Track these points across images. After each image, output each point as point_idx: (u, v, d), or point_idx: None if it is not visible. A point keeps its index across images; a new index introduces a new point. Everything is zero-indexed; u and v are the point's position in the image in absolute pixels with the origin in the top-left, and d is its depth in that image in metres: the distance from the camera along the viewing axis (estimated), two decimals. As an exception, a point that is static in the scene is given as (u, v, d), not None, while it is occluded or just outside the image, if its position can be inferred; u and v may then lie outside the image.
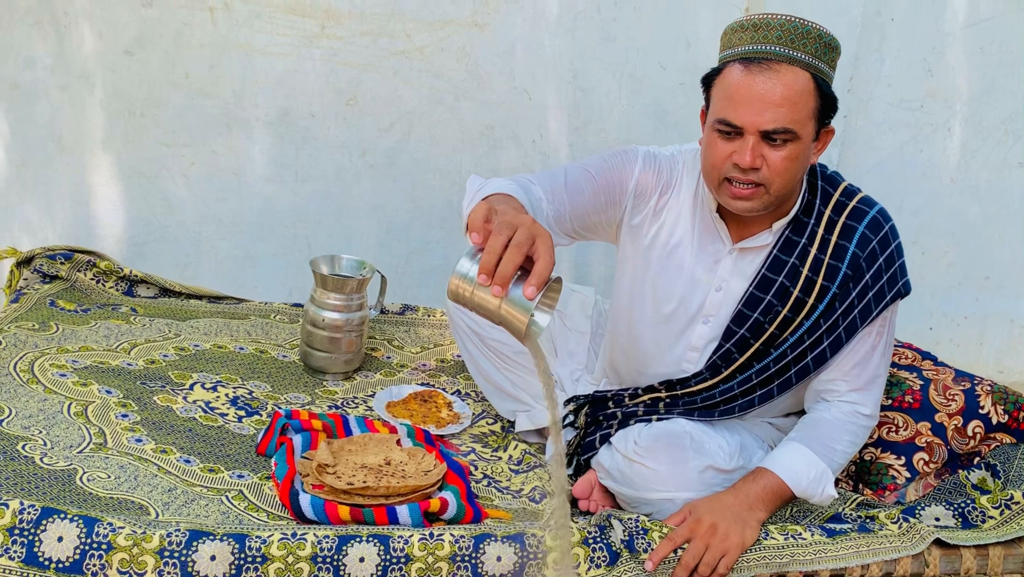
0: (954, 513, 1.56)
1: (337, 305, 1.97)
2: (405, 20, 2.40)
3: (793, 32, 1.40)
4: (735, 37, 1.45)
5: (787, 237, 1.54)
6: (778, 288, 1.54)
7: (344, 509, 1.44)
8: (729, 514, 1.44)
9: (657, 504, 1.53)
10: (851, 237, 1.52)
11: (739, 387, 1.60)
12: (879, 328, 1.55)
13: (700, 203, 1.58)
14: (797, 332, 1.55)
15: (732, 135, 1.42)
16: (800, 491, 1.50)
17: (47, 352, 1.85)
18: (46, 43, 2.31)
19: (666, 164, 1.60)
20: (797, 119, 1.41)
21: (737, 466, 1.56)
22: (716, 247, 1.58)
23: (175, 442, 1.63)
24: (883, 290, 1.52)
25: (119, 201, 2.44)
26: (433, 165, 2.52)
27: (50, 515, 1.28)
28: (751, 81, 1.40)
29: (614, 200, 1.59)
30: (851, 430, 1.56)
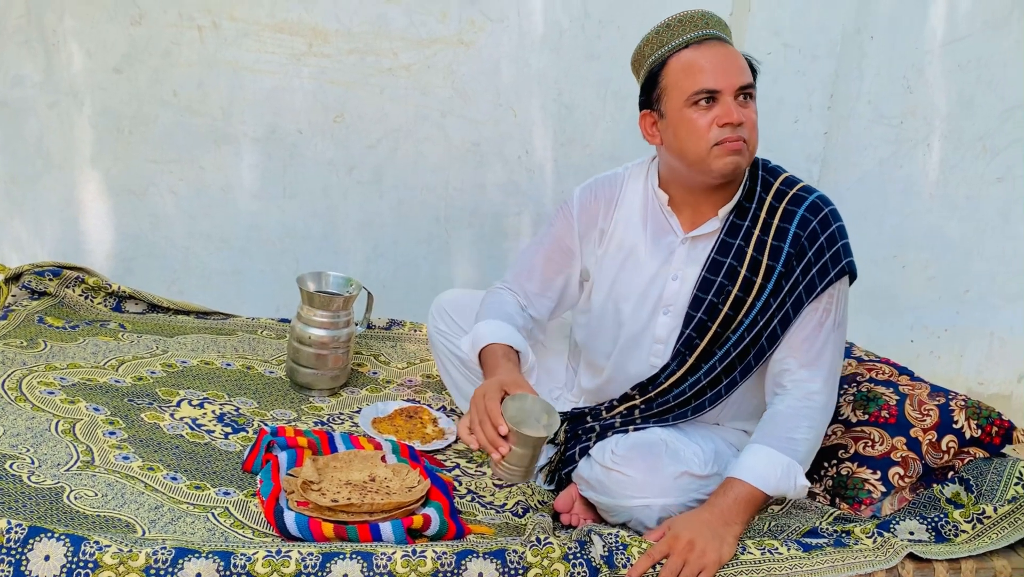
0: (928, 527, 1.59)
1: (323, 322, 2.00)
2: (392, 38, 2.44)
3: (711, 19, 1.61)
4: (663, 37, 1.60)
5: (732, 222, 1.64)
6: (727, 269, 1.62)
7: (328, 526, 1.46)
8: (706, 531, 1.47)
9: (635, 511, 1.56)
10: (792, 220, 1.60)
11: (705, 377, 1.65)
12: (825, 304, 1.61)
13: (650, 202, 1.69)
14: (750, 314, 1.61)
15: (710, 101, 1.55)
16: (772, 491, 1.53)
17: (35, 369, 1.87)
18: (35, 61, 2.34)
19: (604, 185, 1.74)
20: (751, 78, 1.59)
21: (712, 472, 1.59)
22: (669, 239, 1.67)
23: (162, 459, 1.65)
24: (826, 267, 1.59)
25: (108, 217, 2.47)
26: (420, 181, 2.56)
27: (37, 534, 1.30)
28: (710, 53, 1.56)
29: (569, 254, 1.76)
30: (807, 415, 1.59)
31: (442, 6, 2.43)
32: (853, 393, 1.87)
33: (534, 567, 1.41)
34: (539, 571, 1.41)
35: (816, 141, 2.55)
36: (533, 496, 1.75)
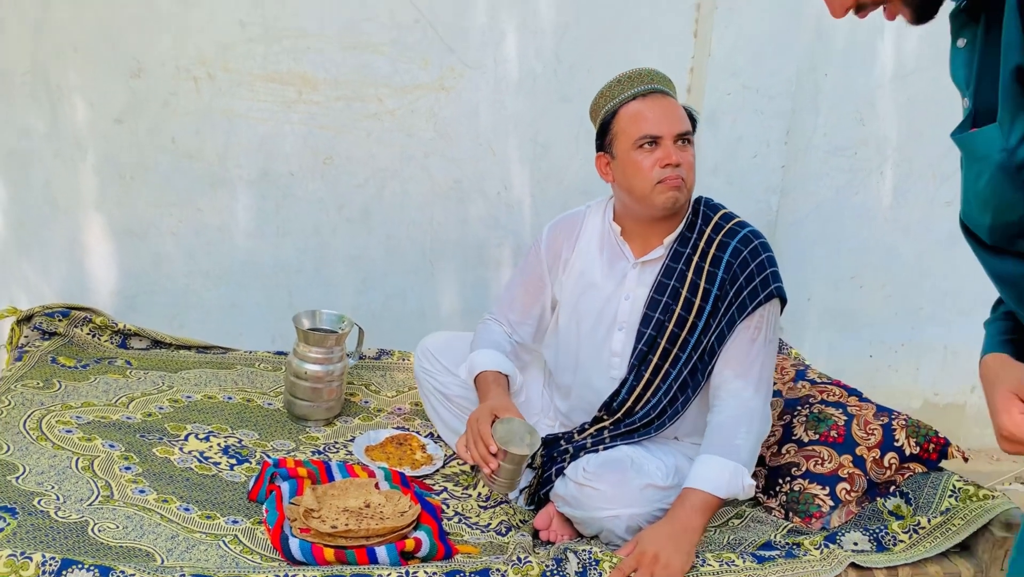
0: (870, 538, 1.77)
1: (318, 358, 2.15)
2: (377, 85, 2.59)
3: (656, 76, 1.86)
4: (615, 90, 1.85)
5: (676, 249, 1.85)
6: (671, 290, 1.83)
7: (329, 551, 1.62)
8: (669, 543, 1.64)
9: (605, 521, 1.73)
10: (726, 249, 1.81)
11: (665, 397, 1.84)
12: (756, 323, 1.80)
13: (607, 233, 1.91)
14: (694, 333, 1.82)
15: (653, 146, 1.78)
16: (724, 494, 1.70)
17: (52, 409, 2.01)
18: (41, 113, 2.47)
19: (567, 221, 1.99)
20: (689, 127, 1.83)
21: (673, 484, 1.77)
22: (622, 264, 1.89)
23: (175, 491, 1.80)
24: (756, 290, 1.78)
25: (111, 258, 2.59)
26: (406, 217, 2.71)
27: (69, 566, 1.45)
28: (653, 105, 1.81)
29: (541, 284, 2.00)
30: (744, 421, 1.77)
31: (423, 54, 2.58)
32: (806, 414, 2.04)
33: (515, 583, 1.57)
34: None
35: (775, 173, 2.73)
36: (515, 516, 1.92)
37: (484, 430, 1.73)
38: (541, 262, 1.99)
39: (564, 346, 1.96)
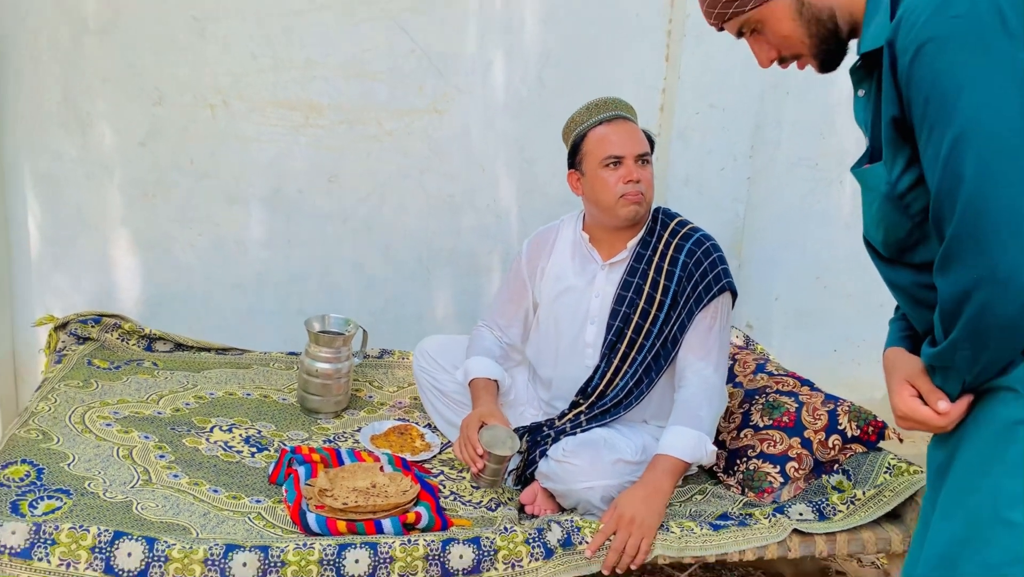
0: (813, 509, 2.02)
1: (327, 357, 2.40)
2: (376, 110, 2.84)
3: (619, 104, 2.12)
4: (583, 117, 2.12)
5: (638, 252, 2.13)
6: (635, 287, 2.11)
7: (342, 524, 1.87)
8: (643, 505, 1.89)
9: (582, 492, 1.97)
10: (682, 250, 2.09)
11: (632, 380, 2.10)
12: (712, 313, 2.07)
13: (578, 241, 2.20)
14: (656, 324, 2.08)
15: (616, 165, 2.04)
16: (690, 458, 1.96)
17: (92, 406, 2.26)
18: (72, 139, 2.71)
19: (544, 234, 2.28)
20: (648, 148, 2.10)
21: (640, 459, 2.03)
22: (592, 267, 2.17)
23: (204, 476, 2.05)
24: (710, 284, 2.06)
25: (136, 269, 2.84)
26: (404, 229, 2.96)
27: (120, 536, 1.70)
28: (616, 129, 2.07)
29: (524, 291, 2.29)
30: (706, 396, 2.03)
31: (418, 81, 2.83)
32: (763, 403, 2.29)
33: (502, 549, 1.82)
34: (506, 552, 1.82)
35: (741, 185, 2.98)
36: (503, 494, 2.17)
37: (472, 435, 2.03)
38: (522, 271, 2.27)
39: (544, 341, 2.23)
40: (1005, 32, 1.10)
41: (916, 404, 1.28)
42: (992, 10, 1.10)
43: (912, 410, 1.29)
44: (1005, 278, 1.10)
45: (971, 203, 1.11)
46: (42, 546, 1.66)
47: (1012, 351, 1.18)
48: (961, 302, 1.15)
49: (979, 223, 1.11)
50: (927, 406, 1.27)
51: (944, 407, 1.25)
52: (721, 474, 2.22)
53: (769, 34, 1.36)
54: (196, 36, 2.69)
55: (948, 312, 1.18)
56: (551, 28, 2.87)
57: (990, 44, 1.10)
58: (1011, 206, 1.09)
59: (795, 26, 1.32)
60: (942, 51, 1.11)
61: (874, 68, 1.29)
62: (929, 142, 1.15)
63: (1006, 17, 1.10)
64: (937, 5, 1.12)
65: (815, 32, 1.32)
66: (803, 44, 1.35)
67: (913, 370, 1.32)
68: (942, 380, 1.26)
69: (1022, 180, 1.09)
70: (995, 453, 1.21)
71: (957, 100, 1.10)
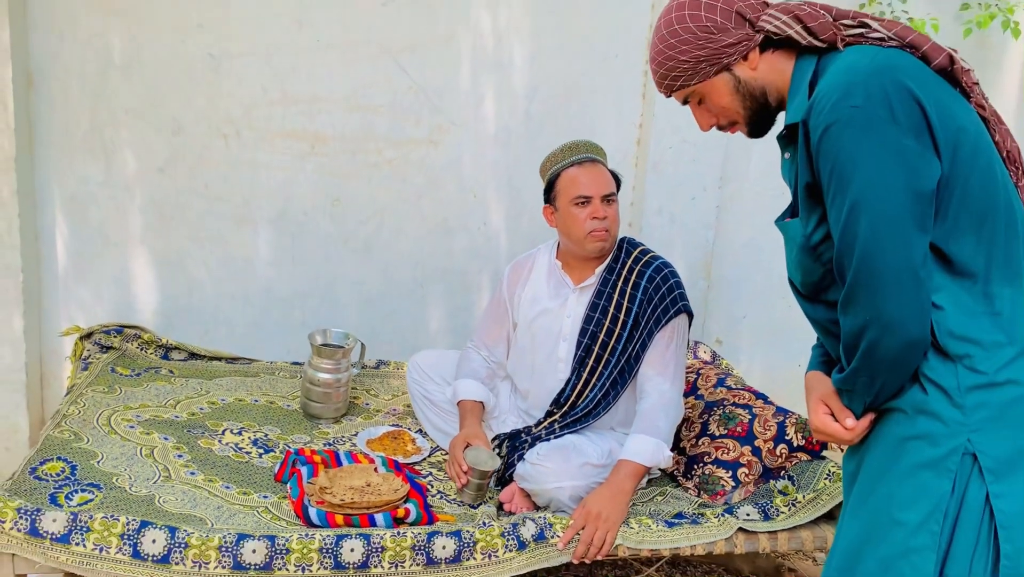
0: (759, 510, 2.26)
1: (329, 368, 2.65)
2: (377, 140, 3.09)
3: (590, 147, 2.37)
4: (558, 157, 2.37)
5: (604, 277, 2.39)
6: (601, 308, 2.37)
7: (339, 517, 2.11)
8: (608, 503, 2.14)
9: (553, 492, 2.22)
10: (643, 276, 2.35)
11: (600, 392, 2.35)
12: (670, 333, 2.34)
13: (552, 267, 2.46)
14: (620, 341, 2.33)
15: (585, 203, 2.29)
16: (649, 463, 2.21)
17: (117, 409, 2.51)
18: (97, 164, 2.96)
19: (522, 261, 2.55)
20: (614, 188, 2.35)
21: (606, 463, 2.28)
22: (564, 291, 2.43)
23: (218, 474, 2.30)
24: (668, 307, 2.32)
25: (154, 283, 3.08)
26: (401, 249, 3.20)
27: (146, 525, 1.95)
28: (586, 171, 2.32)
29: (505, 313, 2.56)
30: (663, 408, 2.29)
31: (416, 115, 3.08)
32: (720, 414, 2.54)
33: (480, 541, 2.07)
34: (484, 544, 2.07)
35: (710, 212, 3.23)
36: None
37: (458, 455, 2.32)
38: (503, 295, 2.54)
39: (522, 357, 2.48)
40: (893, 121, 1.32)
41: (828, 420, 1.51)
42: (883, 103, 1.33)
43: (824, 425, 1.52)
44: (888, 322, 1.33)
45: (863, 259, 1.33)
46: (79, 532, 1.91)
47: (901, 379, 1.40)
48: (857, 337, 1.38)
49: (870, 275, 1.33)
50: (837, 423, 1.50)
51: (851, 424, 1.47)
52: (680, 478, 2.47)
53: (710, 104, 1.56)
54: (212, 72, 2.94)
55: (848, 345, 1.41)
56: (538, 67, 3.12)
57: (880, 130, 1.32)
58: (894, 263, 1.32)
59: (732, 100, 1.52)
60: (842, 133, 1.33)
61: (796, 137, 1.50)
62: (832, 206, 1.38)
63: (894, 108, 1.33)
64: (841, 94, 1.34)
65: (749, 105, 1.53)
66: (738, 114, 1.55)
67: (827, 391, 1.53)
68: (848, 401, 1.48)
69: (903, 243, 1.32)
70: (889, 464, 1.44)
71: (853, 174, 1.32)
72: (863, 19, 1.46)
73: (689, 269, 3.25)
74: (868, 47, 1.42)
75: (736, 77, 1.50)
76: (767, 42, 1.49)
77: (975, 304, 1.37)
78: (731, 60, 1.48)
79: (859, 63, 1.37)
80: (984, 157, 1.37)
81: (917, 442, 1.39)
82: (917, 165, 1.31)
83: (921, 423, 1.38)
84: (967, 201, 1.35)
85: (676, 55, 1.50)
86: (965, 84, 1.43)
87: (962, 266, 1.36)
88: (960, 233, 1.36)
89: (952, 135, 1.34)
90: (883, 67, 1.35)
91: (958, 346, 1.36)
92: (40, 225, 2.95)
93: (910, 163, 1.31)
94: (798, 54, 1.49)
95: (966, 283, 1.37)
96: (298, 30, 2.95)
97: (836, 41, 1.45)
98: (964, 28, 3.23)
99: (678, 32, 1.48)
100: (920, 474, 1.38)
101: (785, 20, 1.47)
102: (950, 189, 1.34)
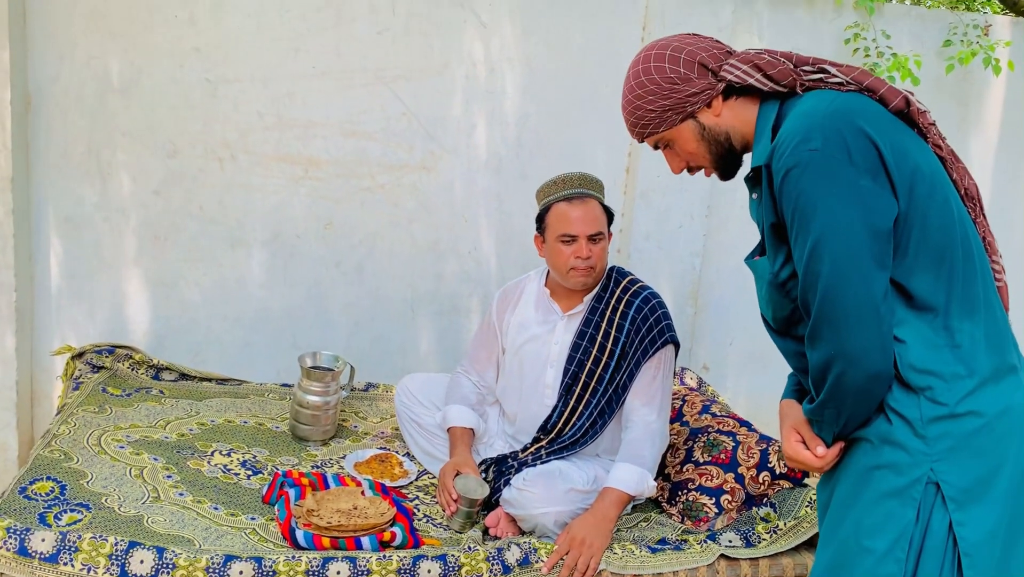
0: (741, 537, 2.29)
1: (318, 391, 2.68)
2: (370, 165, 3.14)
3: (584, 180, 2.35)
4: (551, 190, 2.37)
5: (592, 305, 2.42)
6: (589, 336, 2.40)
7: (326, 540, 2.13)
8: (592, 529, 2.17)
9: (538, 517, 2.25)
10: (632, 306, 2.38)
11: (587, 421, 2.38)
12: (656, 363, 2.37)
13: (541, 294, 2.49)
14: (608, 370, 2.36)
15: (570, 241, 2.30)
16: (634, 491, 2.24)
17: (107, 429, 2.53)
18: (93, 186, 3.00)
19: (512, 288, 2.57)
20: (603, 225, 2.34)
21: (591, 489, 2.31)
22: (553, 318, 2.46)
23: (206, 495, 2.32)
24: (655, 338, 2.36)
25: (146, 304, 3.12)
26: (392, 273, 3.24)
27: (134, 546, 1.96)
28: (576, 208, 2.31)
29: (494, 338, 2.57)
30: (648, 438, 2.33)
31: (409, 141, 3.13)
32: (704, 441, 2.57)
33: (465, 566, 2.09)
34: (469, 568, 2.09)
35: (697, 240, 3.28)
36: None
37: (448, 483, 2.33)
38: (492, 321, 2.57)
39: (509, 382, 2.52)
40: (850, 163, 1.37)
41: (800, 448, 1.56)
42: (840, 146, 1.37)
43: (796, 453, 1.56)
44: (852, 355, 1.38)
45: (826, 295, 1.38)
46: (67, 552, 1.93)
47: (867, 410, 1.45)
48: (824, 370, 1.43)
49: (833, 311, 1.38)
50: (808, 450, 1.55)
51: (821, 452, 1.52)
52: (665, 504, 2.50)
53: (678, 149, 1.61)
54: (209, 96, 2.99)
55: (815, 378, 1.46)
56: (530, 96, 3.18)
57: (837, 172, 1.36)
58: (855, 299, 1.37)
59: (698, 145, 1.58)
60: (802, 176, 1.38)
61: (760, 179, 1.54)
62: (796, 245, 1.43)
63: (851, 150, 1.37)
64: (801, 138, 1.39)
65: (714, 150, 1.58)
66: (705, 159, 1.61)
67: (799, 419, 1.58)
68: (818, 430, 1.53)
69: (862, 279, 1.37)
70: (856, 493, 1.49)
71: (814, 215, 1.37)
72: (822, 65, 1.51)
73: (677, 295, 3.29)
74: (826, 91, 1.48)
75: (701, 124, 1.56)
76: (730, 89, 1.55)
77: (936, 337, 1.41)
78: (695, 108, 1.54)
79: (817, 107, 1.42)
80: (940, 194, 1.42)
81: (883, 471, 1.44)
82: (874, 204, 1.36)
83: (886, 453, 1.43)
84: (925, 238, 1.40)
85: (644, 104, 1.56)
86: (922, 125, 1.49)
87: (923, 300, 1.41)
88: (920, 269, 1.41)
89: (908, 174, 1.39)
90: (839, 111, 1.40)
91: (920, 378, 1.40)
92: (35, 245, 2.98)
93: (867, 202, 1.36)
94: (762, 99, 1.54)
95: (927, 317, 1.41)
96: (294, 57, 3.00)
97: (796, 86, 1.50)
98: (947, 64, 3.31)
99: (644, 84, 1.55)
100: (886, 503, 1.43)
101: (745, 70, 1.52)
102: (908, 226, 1.39)
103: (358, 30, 3.02)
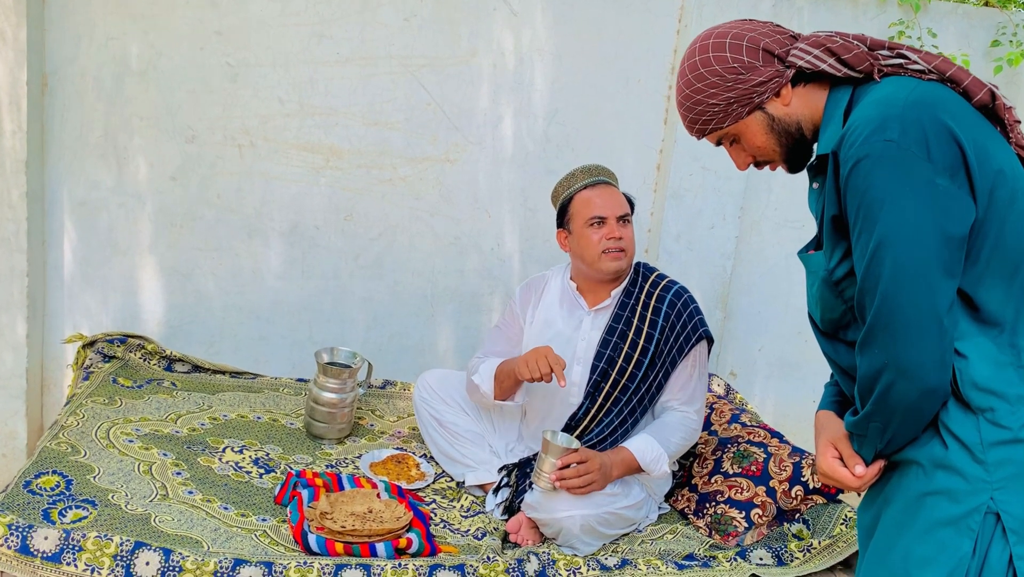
0: (773, 554, 2.19)
1: (334, 387, 2.59)
2: (392, 156, 3.05)
3: (601, 170, 2.35)
4: (570, 182, 2.35)
5: (621, 300, 2.34)
6: (620, 332, 2.31)
7: (339, 545, 2.05)
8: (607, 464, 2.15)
9: (563, 521, 2.15)
10: (663, 302, 2.30)
11: (617, 419, 2.30)
12: (692, 361, 2.30)
13: (566, 290, 2.41)
14: (641, 368, 2.27)
15: (600, 224, 2.26)
16: (643, 464, 2.18)
17: (117, 422, 2.46)
18: (109, 171, 2.92)
19: (535, 282, 2.49)
20: (628, 210, 2.32)
21: (617, 491, 2.21)
22: (579, 313, 2.38)
23: (216, 494, 2.24)
24: (689, 335, 2.27)
25: (161, 293, 3.04)
26: (412, 267, 3.15)
27: (140, 546, 1.89)
28: (600, 192, 2.30)
29: (517, 331, 2.49)
30: (683, 429, 2.26)
31: (432, 131, 3.04)
32: (734, 451, 2.47)
33: (484, 576, 2.00)
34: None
35: (729, 242, 3.17)
36: (489, 524, 2.34)
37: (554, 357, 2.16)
38: (515, 314, 2.48)
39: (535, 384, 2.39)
40: (927, 158, 1.26)
41: (836, 465, 1.45)
42: (919, 138, 1.27)
43: (832, 470, 1.46)
44: (906, 367, 1.27)
45: (886, 299, 1.28)
46: (70, 552, 1.85)
47: (916, 428, 1.34)
48: (873, 380, 1.32)
49: (892, 317, 1.28)
50: (845, 468, 1.44)
51: (860, 471, 1.41)
52: (692, 516, 2.40)
53: (745, 144, 1.50)
54: (229, 81, 2.91)
55: (863, 388, 1.35)
56: (558, 89, 3.08)
57: (912, 168, 1.26)
58: (916, 308, 1.26)
59: (768, 138, 1.46)
60: (873, 168, 1.27)
61: (825, 167, 1.44)
62: (858, 242, 1.32)
63: (930, 145, 1.27)
64: (875, 127, 1.28)
65: (785, 143, 1.47)
66: (775, 152, 1.49)
67: (837, 434, 1.47)
68: (859, 446, 1.42)
69: (927, 288, 1.26)
70: (906, 521, 1.38)
71: (881, 212, 1.27)
72: (901, 50, 1.40)
73: (706, 299, 3.19)
74: (906, 79, 1.37)
75: (769, 115, 1.45)
76: (798, 75, 1.45)
77: (1001, 355, 1.31)
78: (763, 99, 1.44)
79: (896, 95, 1.31)
80: (1022, 202, 1.32)
81: (936, 498, 1.33)
82: (949, 207, 1.26)
83: (940, 478, 1.33)
84: (1001, 247, 1.30)
85: (705, 98, 1.45)
86: (1007, 122, 1.38)
87: (990, 315, 1.31)
88: (991, 280, 1.31)
89: (990, 177, 1.29)
90: (921, 101, 1.29)
91: (981, 398, 1.30)
92: (48, 229, 2.92)
93: (942, 204, 1.25)
94: (832, 84, 1.44)
95: (992, 332, 1.32)
96: (318, 42, 2.91)
97: (873, 72, 1.39)
98: (995, 65, 3.18)
99: (704, 76, 1.44)
100: (939, 532, 1.33)
101: (817, 54, 1.42)
102: (984, 234, 1.29)
103: (384, 16, 2.93)
